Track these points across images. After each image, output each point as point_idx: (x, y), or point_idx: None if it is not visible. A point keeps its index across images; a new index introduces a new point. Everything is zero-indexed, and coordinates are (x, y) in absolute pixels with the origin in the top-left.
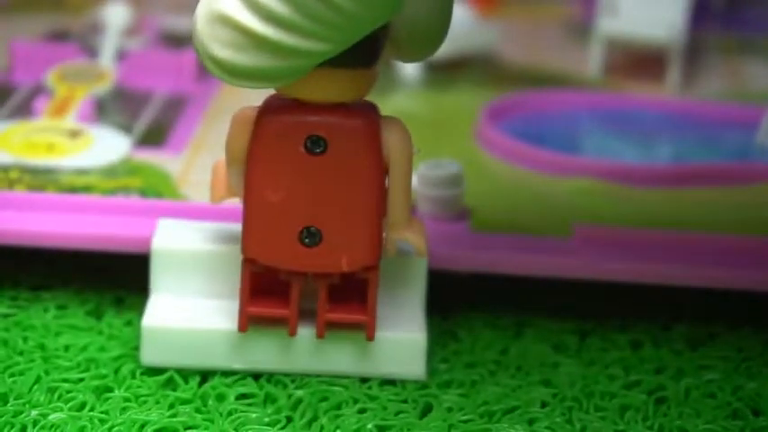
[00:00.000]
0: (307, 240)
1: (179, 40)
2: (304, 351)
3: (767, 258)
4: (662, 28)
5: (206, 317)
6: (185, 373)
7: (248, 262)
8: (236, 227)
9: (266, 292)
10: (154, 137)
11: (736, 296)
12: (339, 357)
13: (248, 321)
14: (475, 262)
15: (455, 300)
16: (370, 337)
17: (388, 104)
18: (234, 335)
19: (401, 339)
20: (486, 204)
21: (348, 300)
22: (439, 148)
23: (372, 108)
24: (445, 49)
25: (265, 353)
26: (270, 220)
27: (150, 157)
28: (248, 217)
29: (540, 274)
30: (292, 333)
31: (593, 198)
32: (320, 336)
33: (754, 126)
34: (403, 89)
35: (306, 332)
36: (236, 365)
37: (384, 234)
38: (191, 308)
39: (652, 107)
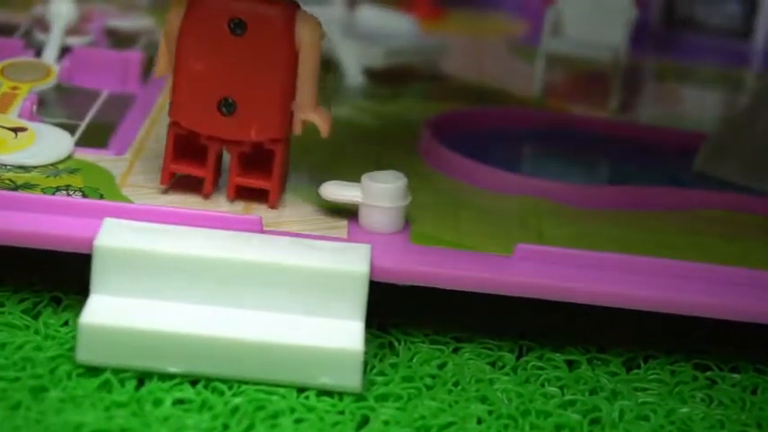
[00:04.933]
0: (224, 109)
1: (124, 40)
2: (243, 357)
3: (702, 284)
4: (604, 50)
5: (144, 317)
6: (122, 377)
7: (173, 125)
8: (180, 229)
9: (188, 158)
10: (96, 137)
11: (671, 320)
12: (277, 366)
13: (170, 177)
14: (415, 276)
15: (394, 313)
16: (272, 205)
17: (332, 114)
18: (172, 337)
19: (339, 352)
20: (427, 218)
21: (259, 171)
22: (382, 161)
23: (292, 2)
24: (389, 61)
25: (203, 357)
26: (193, 89)
27: (92, 156)
28: (176, 85)
29: (480, 291)
30: (207, 192)
31: (535, 216)
32: (230, 198)
33: (690, 151)
34: (347, 100)
35: (241, 338)
36: (174, 368)
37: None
38: (130, 308)
39: (591, 128)
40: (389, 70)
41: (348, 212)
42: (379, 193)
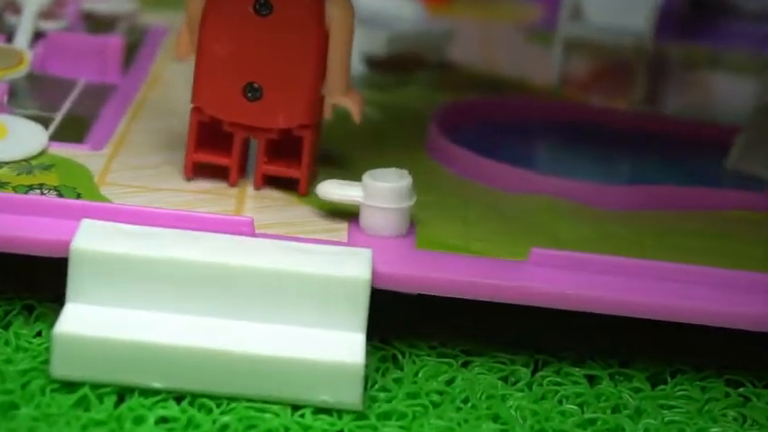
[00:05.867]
0: (249, 95)
1: (103, 24)
2: (232, 371)
3: (736, 292)
4: (627, 35)
5: (125, 327)
6: (100, 392)
7: (196, 111)
8: (164, 231)
9: (211, 147)
10: (73, 130)
11: (701, 331)
12: (270, 382)
13: (194, 168)
14: (421, 283)
15: (398, 323)
16: (302, 192)
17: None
18: (156, 349)
19: (337, 365)
20: (434, 220)
21: (287, 159)
22: (385, 157)
23: None
24: (392, 47)
25: (189, 371)
26: (217, 73)
27: (68, 152)
28: (199, 69)
29: (492, 300)
30: (233, 182)
31: (551, 218)
32: (257, 186)
33: (722, 147)
34: None
35: (230, 351)
36: (157, 383)
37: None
38: (109, 317)
39: (613, 121)
40: (392, 57)
41: (348, 214)
42: (382, 193)
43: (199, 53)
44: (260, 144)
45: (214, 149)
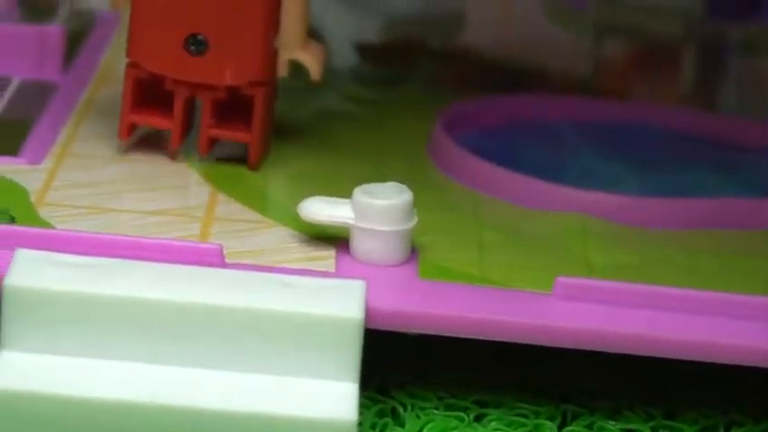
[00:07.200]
0: (192, 48)
1: (40, 12)
2: (197, 429)
3: None
4: (673, 16)
5: (70, 381)
6: None
7: (132, 67)
8: (116, 263)
9: (151, 108)
10: (5, 140)
11: (761, 375)
12: None
13: (129, 131)
14: (425, 321)
15: (398, 369)
16: (252, 164)
17: (314, 105)
18: (106, 406)
19: (325, 423)
20: (441, 245)
21: (237, 122)
22: (380, 168)
23: None
24: (390, 33)
25: (145, 431)
26: (156, 23)
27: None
28: (134, 17)
29: (511, 340)
30: (174, 147)
31: (582, 240)
32: (202, 152)
33: None
34: (335, 86)
35: (195, 407)
36: None
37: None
38: (50, 369)
39: (657, 120)
40: (390, 46)
41: (336, 238)
42: (377, 212)
43: (135, 1)
44: (205, 104)
45: (154, 110)
